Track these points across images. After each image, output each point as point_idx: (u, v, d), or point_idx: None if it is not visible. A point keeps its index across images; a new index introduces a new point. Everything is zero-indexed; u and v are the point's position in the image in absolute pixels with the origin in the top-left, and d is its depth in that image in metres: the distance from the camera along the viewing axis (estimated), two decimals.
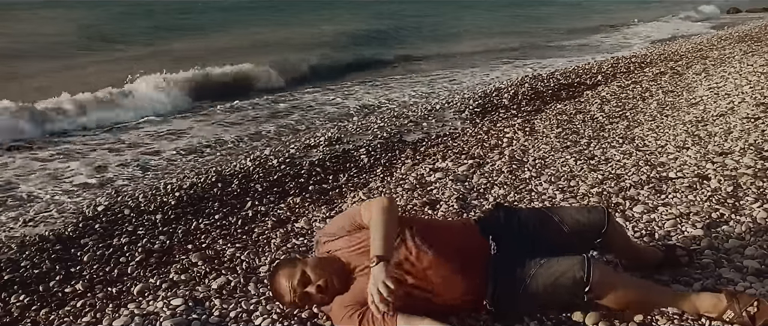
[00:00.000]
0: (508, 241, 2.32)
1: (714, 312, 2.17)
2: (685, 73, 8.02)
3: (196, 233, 3.93)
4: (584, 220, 2.37)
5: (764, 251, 2.71)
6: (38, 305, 3.13)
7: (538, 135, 5.46)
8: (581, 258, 2.16)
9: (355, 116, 7.64)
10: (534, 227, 2.38)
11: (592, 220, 2.37)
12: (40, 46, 16.18)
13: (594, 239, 2.39)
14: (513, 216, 2.45)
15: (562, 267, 2.15)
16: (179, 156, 6.34)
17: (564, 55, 14.22)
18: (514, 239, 2.33)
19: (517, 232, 2.36)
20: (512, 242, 2.32)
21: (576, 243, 2.37)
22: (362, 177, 4.82)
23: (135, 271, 3.41)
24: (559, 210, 2.52)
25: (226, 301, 2.82)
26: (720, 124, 4.99)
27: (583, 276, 2.11)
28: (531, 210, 2.64)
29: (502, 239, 2.33)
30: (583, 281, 2.11)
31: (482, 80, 10.74)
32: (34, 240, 4.00)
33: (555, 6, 30.79)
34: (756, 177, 3.63)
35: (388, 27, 21.10)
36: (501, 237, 2.34)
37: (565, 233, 2.34)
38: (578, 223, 2.36)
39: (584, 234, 2.37)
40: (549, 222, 2.38)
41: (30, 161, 6.23)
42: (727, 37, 12.62)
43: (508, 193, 3.94)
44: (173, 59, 12.93)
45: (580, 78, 8.74)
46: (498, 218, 2.44)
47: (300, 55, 13.10)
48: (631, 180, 3.88)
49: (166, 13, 26.24)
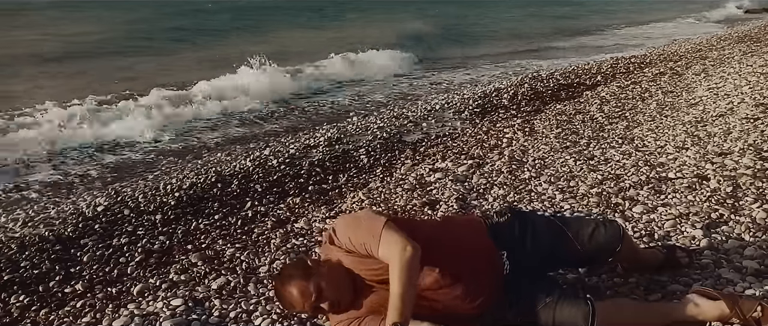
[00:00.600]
0: (521, 256, 2.30)
1: (720, 321, 2.18)
2: (685, 74, 8.03)
3: (195, 233, 3.93)
4: (600, 240, 2.33)
5: (763, 251, 2.71)
6: (38, 305, 3.13)
7: (538, 135, 5.46)
8: (585, 310, 2.14)
9: (355, 116, 7.63)
10: (548, 242, 2.34)
11: (608, 240, 2.34)
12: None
13: (607, 258, 2.40)
14: (527, 228, 2.36)
15: (565, 317, 2.15)
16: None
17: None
18: (527, 256, 2.31)
19: (531, 248, 2.32)
20: (525, 258, 2.30)
21: (587, 260, 2.42)
22: (362, 177, 4.82)
23: (135, 271, 3.42)
24: (573, 224, 2.41)
25: (225, 301, 2.82)
26: (719, 125, 4.99)
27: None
28: (544, 220, 2.49)
29: (514, 255, 2.29)
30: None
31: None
32: (34, 240, 4.00)
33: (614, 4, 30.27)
34: (755, 178, 3.63)
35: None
36: (514, 252, 2.30)
37: (579, 250, 2.32)
38: (594, 243, 2.33)
39: (598, 254, 2.37)
40: (562, 238, 2.33)
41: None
42: (726, 37, 12.62)
43: (507, 193, 3.94)
44: (283, 51, 13.87)
45: (580, 78, 8.74)
46: (513, 230, 2.35)
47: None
48: (631, 180, 3.88)
49: (203, 12, 25.81)
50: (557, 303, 2.17)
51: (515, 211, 2.48)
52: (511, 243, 2.31)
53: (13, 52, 14.00)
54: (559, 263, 2.46)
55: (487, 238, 2.31)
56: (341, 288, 2.14)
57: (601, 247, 2.34)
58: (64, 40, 16.45)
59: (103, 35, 17.41)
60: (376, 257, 2.12)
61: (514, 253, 2.30)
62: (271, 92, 9.36)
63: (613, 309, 2.25)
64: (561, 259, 2.38)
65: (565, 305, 2.17)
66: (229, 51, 13.43)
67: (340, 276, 2.16)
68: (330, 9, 26.86)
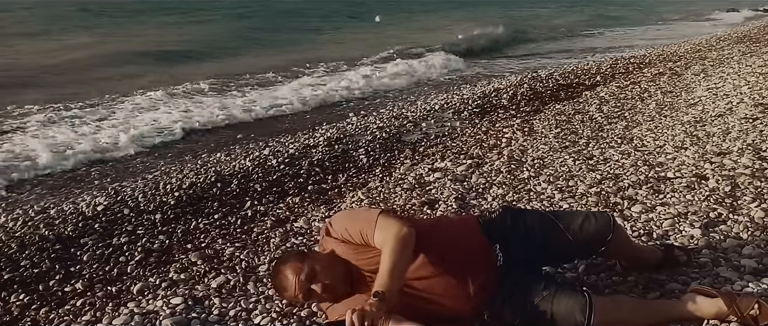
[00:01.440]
0: (514, 249, 2.31)
1: (717, 318, 2.18)
2: (684, 74, 8.04)
3: (195, 232, 3.94)
4: (591, 229, 2.34)
5: (761, 250, 2.72)
6: (38, 304, 3.14)
7: (537, 135, 5.47)
8: (583, 301, 2.14)
9: (355, 117, 7.64)
10: (540, 234, 2.35)
11: (598, 229, 2.34)
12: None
13: (599, 247, 2.39)
14: (519, 221, 2.40)
15: (563, 308, 2.15)
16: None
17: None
18: (520, 247, 2.32)
19: (523, 239, 2.34)
20: (518, 250, 2.31)
21: (580, 250, 2.41)
22: (361, 177, 4.83)
23: (134, 270, 3.42)
24: (564, 216, 2.45)
25: (225, 300, 2.83)
26: (718, 125, 5.00)
27: (583, 321, 2.11)
28: (537, 214, 2.55)
29: (508, 247, 2.31)
30: (583, 325, 2.12)
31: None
32: (34, 239, 4.00)
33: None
34: (754, 177, 3.64)
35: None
36: (507, 244, 2.31)
37: (570, 241, 2.32)
38: (584, 232, 2.33)
39: (589, 244, 2.36)
40: (554, 230, 2.34)
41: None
42: (725, 37, 12.64)
43: (506, 193, 3.95)
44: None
45: (579, 78, 8.75)
46: (505, 222, 2.39)
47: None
48: (630, 180, 3.89)
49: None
50: (554, 296, 2.17)
51: (506, 207, 2.53)
52: (503, 234, 2.34)
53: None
54: (552, 256, 2.43)
55: (481, 236, 2.33)
56: (336, 275, 2.19)
57: (592, 236, 2.34)
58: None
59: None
60: (372, 244, 2.18)
61: (507, 246, 2.31)
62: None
63: (611, 304, 2.25)
64: (554, 252, 2.37)
65: (562, 297, 2.17)
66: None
67: (335, 264, 2.22)
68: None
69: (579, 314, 2.12)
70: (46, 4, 28.92)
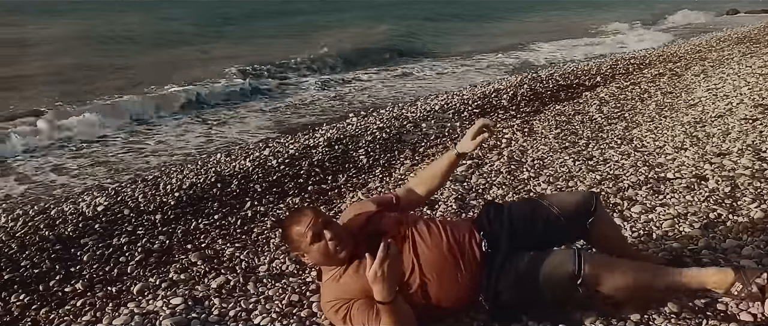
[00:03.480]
0: (500, 236, 2.30)
1: (721, 287, 2.14)
2: (684, 75, 8.04)
3: (195, 233, 3.94)
4: (573, 200, 2.36)
5: (761, 251, 2.72)
6: (38, 304, 3.14)
7: (537, 136, 5.47)
8: (572, 251, 2.16)
9: (355, 117, 7.65)
10: (525, 216, 2.35)
11: (580, 200, 2.36)
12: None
13: (585, 221, 2.35)
14: (502, 210, 2.41)
15: (553, 262, 2.14)
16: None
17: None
18: (505, 232, 2.31)
19: (508, 225, 2.33)
20: (504, 236, 2.30)
21: (567, 226, 2.34)
22: (361, 177, 4.83)
23: (135, 271, 3.42)
24: (548, 196, 2.54)
25: (225, 300, 2.83)
26: (718, 125, 5.00)
27: (574, 269, 2.09)
28: (521, 200, 2.63)
29: (493, 235, 2.31)
30: (575, 274, 2.09)
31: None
32: (34, 239, 4.01)
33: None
34: (753, 178, 3.64)
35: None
36: (492, 232, 2.32)
37: (555, 215, 2.31)
38: (568, 204, 2.34)
39: (575, 217, 2.34)
40: (539, 208, 2.36)
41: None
42: (725, 38, 12.64)
43: (506, 194, 3.95)
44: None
45: (579, 79, 8.75)
46: (488, 212, 2.41)
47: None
48: (630, 180, 3.89)
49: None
50: (542, 254, 2.17)
51: (491, 202, 2.54)
52: (488, 224, 2.35)
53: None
54: (540, 235, 2.35)
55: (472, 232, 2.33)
56: (345, 231, 2.28)
57: (575, 207, 2.33)
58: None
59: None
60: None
61: (491, 233, 2.31)
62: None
63: (605, 259, 2.21)
64: (540, 228, 2.33)
65: (551, 254, 2.18)
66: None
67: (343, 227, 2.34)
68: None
69: (570, 263, 2.10)
70: None
